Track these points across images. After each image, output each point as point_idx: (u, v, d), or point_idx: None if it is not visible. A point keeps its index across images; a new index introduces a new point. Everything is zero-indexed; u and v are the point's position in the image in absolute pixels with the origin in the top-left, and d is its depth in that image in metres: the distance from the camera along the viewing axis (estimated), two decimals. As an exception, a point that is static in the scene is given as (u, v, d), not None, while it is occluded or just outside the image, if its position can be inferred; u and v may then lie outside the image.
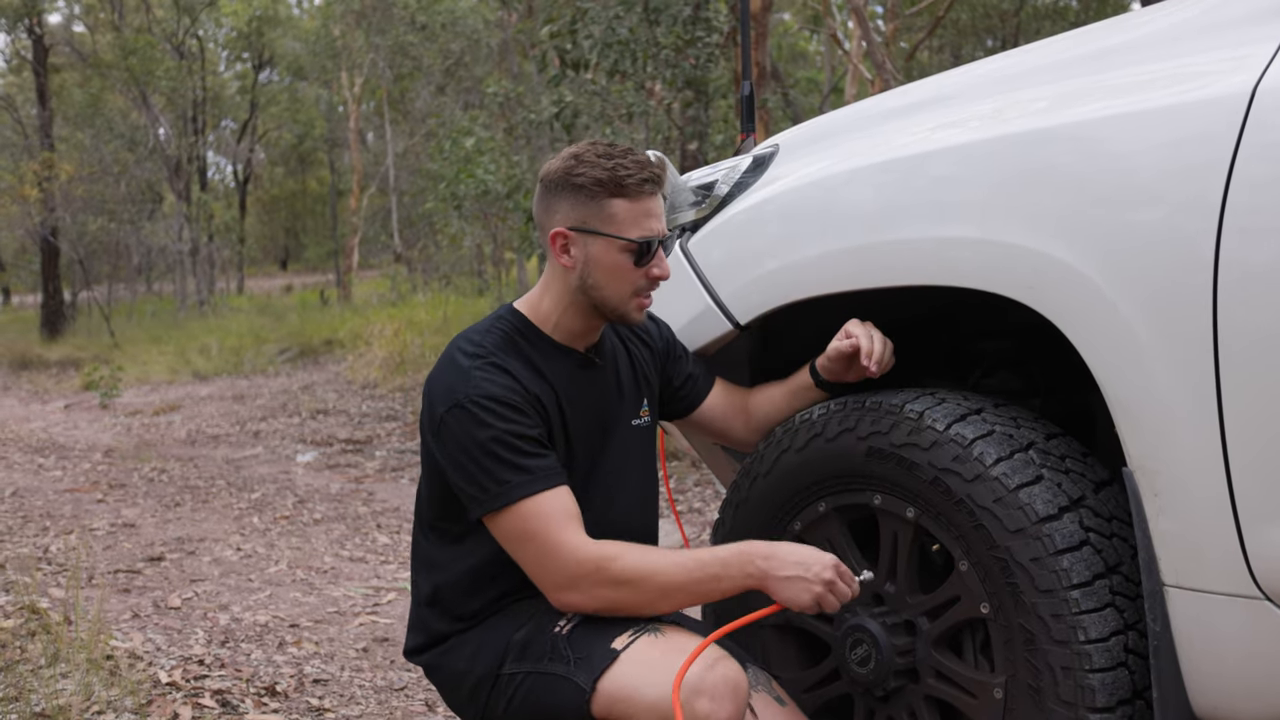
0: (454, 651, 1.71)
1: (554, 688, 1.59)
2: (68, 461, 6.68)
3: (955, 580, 1.60)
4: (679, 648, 1.57)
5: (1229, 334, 1.30)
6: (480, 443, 1.58)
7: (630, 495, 1.79)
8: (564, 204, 1.67)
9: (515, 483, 1.58)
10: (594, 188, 1.64)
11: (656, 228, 1.67)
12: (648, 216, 1.66)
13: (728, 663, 1.56)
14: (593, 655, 1.58)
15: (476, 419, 1.58)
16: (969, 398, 1.66)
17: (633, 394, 1.82)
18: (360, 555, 4.20)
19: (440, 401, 1.63)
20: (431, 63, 18.19)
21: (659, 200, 1.69)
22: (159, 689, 2.53)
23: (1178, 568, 1.36)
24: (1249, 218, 1.29)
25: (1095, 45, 1.59)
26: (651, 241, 1.66)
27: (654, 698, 1.51)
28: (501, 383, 1.62)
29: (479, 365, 1.63)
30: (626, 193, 1.64)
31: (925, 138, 1.67)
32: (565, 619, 1.65)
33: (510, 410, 1.60)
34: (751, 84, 2.41)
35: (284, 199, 34.81)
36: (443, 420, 1.62)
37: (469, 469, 1.60)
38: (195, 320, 17.20)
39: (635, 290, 1.68)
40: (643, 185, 1.65)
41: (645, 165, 1.66)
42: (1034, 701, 1.49)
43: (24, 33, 19.24)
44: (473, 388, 1.60)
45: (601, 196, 1.65)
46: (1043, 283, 1.47)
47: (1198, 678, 1.36)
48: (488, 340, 1.68)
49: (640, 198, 1.65)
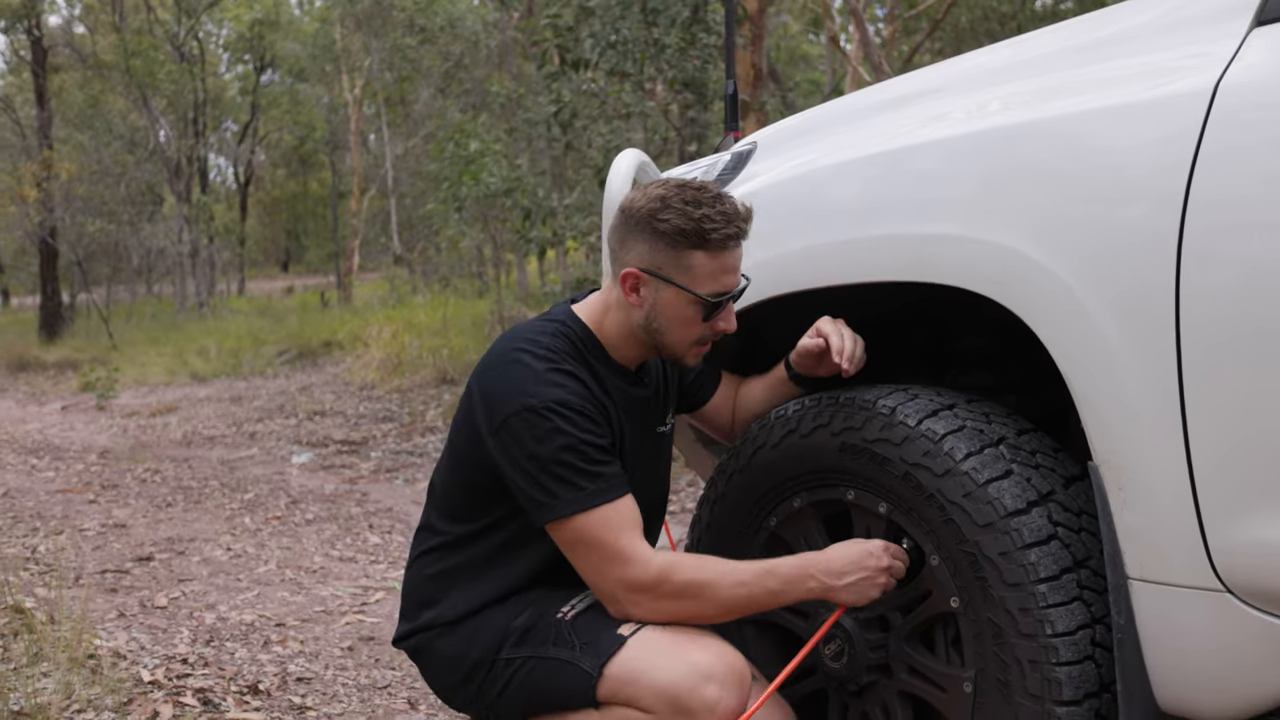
0: (446, 636, 1.71)
1: (558, 672, 1.61)
2: (61, 463, 6.69)
3: (926, 575, 1.60)
4: (685, 635, 1.59)
5: (1191, 331, 1.30)
6: (553, 449, 1.56)
7: (647, 499, 1.78)
8: (642, 244, 1.62)
9: (589, 490, 1.57)
10: (676, 236, 1.59)
11: (731, 282, 1.64)
12: (725, 272, 1.62)
13: (734, 652, 1.60)
14: (599, 640, 1.59)
15: (552, 425, 1.56)
16: (941, 393, 1.66)
17: (662, 406, 1.83)
18: (350, 555, 4.20)
19: (507, 402, 1.59)
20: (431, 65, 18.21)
21: (739, 252, 1.64)
22: (140, 688, 2.53)
23: (1142, 561, 1.37)
24: (1211, 215, 1.30)
25: (1063, 43, 1.60)
26: (724, 297, 1.64)
27: (662, 682, 1.53)
28: (576, 390, 1.60)
29: (551, 370, 1.61)
30: (708, 246, 1.59)
31: (896, 134, 1.68)
32: (569, 606, 1.66)
33: (584, 419, 1.59)
34: (735, 82, 2.43)
35: (285, 201, 34.83)
36: (507, 421, 1.58)
37: (537, 475, 1.58)
38: (194, 322, 17.21)
39: (698, 340, 1.67)
40: (726, 241, 1.60)
41: (733, 219, 1.60)
42: (1002, 695, 1.50)
43: (23, 34, 19.27)
44: (546, 393, 1.58)
45: (683, 247, 1.60)
46: (1011, 279, 1.47)
47: (1162, 671, 1.37)
48: (557, 345, 1.65)
49: (721, 253, 1.61)
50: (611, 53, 7.20)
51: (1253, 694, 1.32)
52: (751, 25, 7.53)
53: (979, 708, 1.54)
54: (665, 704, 1.53)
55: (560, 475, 1.57)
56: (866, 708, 1.70)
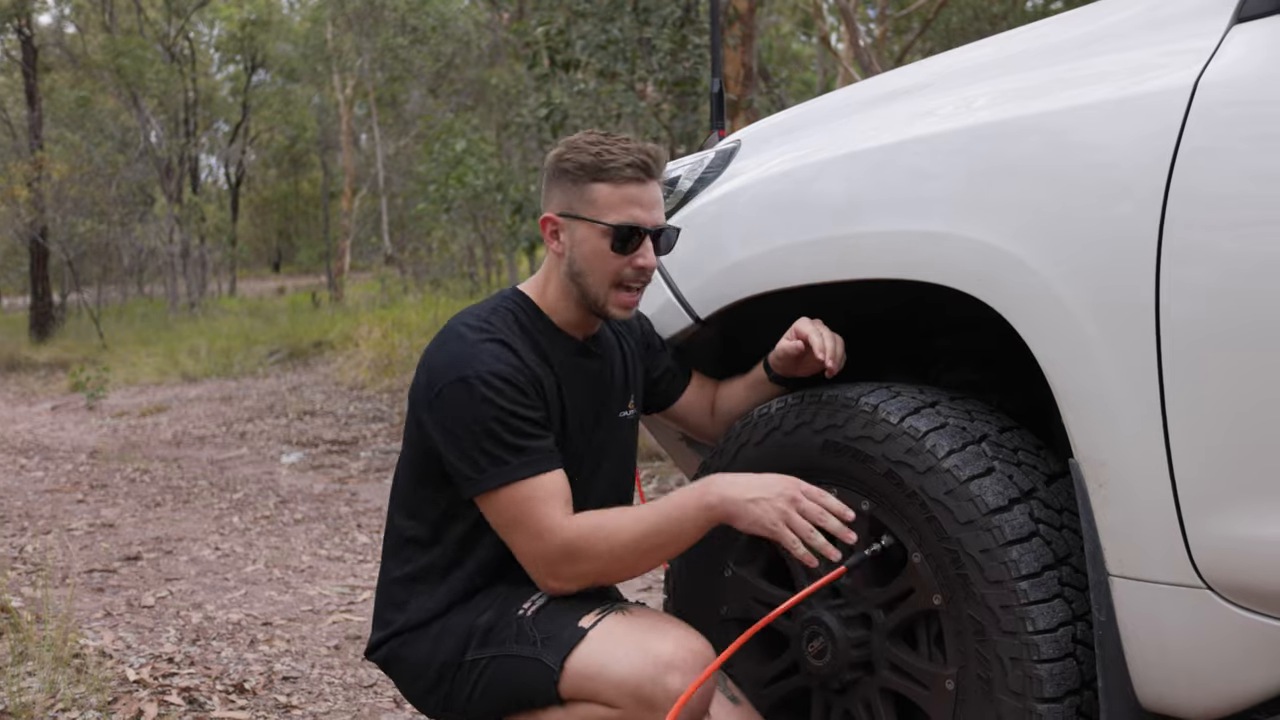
0: (415, 643, 1.69)
1: (521, 669, 1.59)
2: (51, 463, 6.66)
3: (909, 572, 1.60)
4: (647, 624, 1.58)
5: (1171, 327, 1.31)
6: (481, 420, 1.57)
7: (608, 486, 1.79)
8: (555, 190, 1.68)
9: (514, 464, 1.57)
10: (577, 172, 1.64)
11: (641, 216, 1.64)
12: (630, 203, 1.64)
13: (697, 638, 1.58)
14: (560, 635, 1.58)
15: (480, 395, 1.57)
16: (924, 391, 1.66)
17: (623, 387, 1.82)
18: (338, 554, 4.19)
19: (441, 374, 1.60)
20: (422, 65, 18.18)
21: (649, 188, 1.66)
22: (126, 686, 2.52)
23: (1122, 558, 1.37)
24: (1191, 212, 1.30)
25: (1045, 40, 1.60)
26: (631, 228, 1.63)
27: (622, 674, 1.51)
28: (508, 361, 1.60)
29: (485, 341, 1.62)
30: (609, 177, 1.63)
31: (878, 132, 1.68)
32: (530, 602, 1.64)
33: (514, 390, 1.59)
34: (721, 81, 2.42)
35: (277, 201, 34.75)
36: (441, 393, 1.59)
37: (466, 446, 1.58)
38: (185, 322, 17.15)
39: (617, 280, 1.66)
40: (625, 169, 1.63)
41: (633, 153, 1.63)
42: (984, 693, 1.50)
43: (13, 33, 19.19)
44: (479, 364, 1.58)
45: (584, 181, 1.64)
46: (991, 276, 1.47)
47: (1142, 668, 1.37)
48: (494, 319, 1.67)
49: (622, 183, 1.63)
50: (602, 53, 7.20)
51: (1233, 691, 1.32)
52: (741, 25, 7.54)
53: (962, 705, 1.53)
54: (628, 697, 1.51)
55: (486, 448, 1.57)
56: (849, 706, 1.70)
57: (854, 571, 1.63)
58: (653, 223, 1.66)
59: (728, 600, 1.82)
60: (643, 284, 1.69)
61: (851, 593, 1.68)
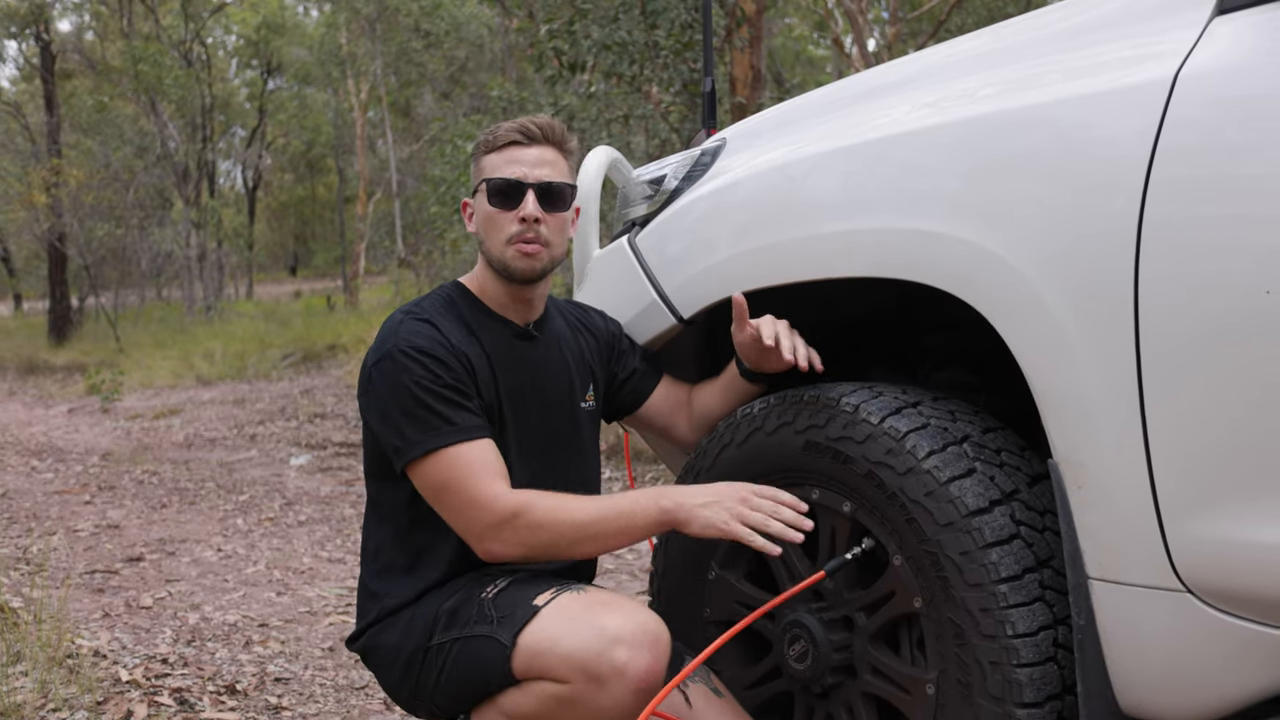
0: (387, 630, 1.71)
1: (479, 649, 1.60)
2: (62, 464, 6.70)
3: (889, 575, 1.58)
4: (600, 601, 1.58)
5: (1150, 326, 1.28)
6: (405, 390, 1.61)
7: (566, 478, 1.78)
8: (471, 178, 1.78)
9: (440, 431, 1.60)
10: (475, 152, 1.76)
11: (518, 170, 1.70)
12: (510, 163, 1.71)
13: (648, 614, 1.57)
14: (515, 612, 1.59)
15: (402, 367, 1.62)
16: (907, 391, 1.64)
17: (577, 378, 1.83)
18: (340, 556, 4.19)
19: (371, 358, 1.67)
20: (436, 69, 18.24)
21: (531, 149, 1.72)
22: (118, 687, 2.52)
23: (1101, 561, 1.34)
24: (1170, 208, 1.27)
25: (1025, 36, 1.57)
26: (505, 180, 1.70)
27: (570, 647, 1.51)
28: (428, 334, 1.66)
29: (409, 319, 1.68)
30: (493, 145, 1.73)
31: (860, 129, 1.66)
32: (493, 585, 1.65)
33: (434, 361, 1.63)
34: (713, 80, 2.42)
35: (293, 205, 34.93)
36: (371, 375, 1.66)
37: (393, 417, 1.62)
38: (201, 326, 17.25)
39: (509, 236, 1.71)
40: (509, 134, 1.72)
41: (524, 124, 1.72)
42: (964, 697, 1.47)
43: (32, 39, 19.37)
44: (401, 339, 1.65)
45: (479, 157, 1.75)
46: (971, 274, 1.45)
47: (1122, 673, 1.34)
48: (425, 303, 1.74)
49: (505, 148, 1.72)
50: (608, 54, 7.19)
51: (1213, 696, 1.29)
52: (750, 27, 7.51)
53: (942, 710, 1.51)
54: (576, 671, 1.50)
55: (413, 415, 1.60)
56: (831, 710, 1.68)
57: (834, 575, 1.61)
58: (533, 178, 1.71)
59: (711, 603, 1.80)
60: (535, 237, 1.71)
61: (833, 595, 1.66)
